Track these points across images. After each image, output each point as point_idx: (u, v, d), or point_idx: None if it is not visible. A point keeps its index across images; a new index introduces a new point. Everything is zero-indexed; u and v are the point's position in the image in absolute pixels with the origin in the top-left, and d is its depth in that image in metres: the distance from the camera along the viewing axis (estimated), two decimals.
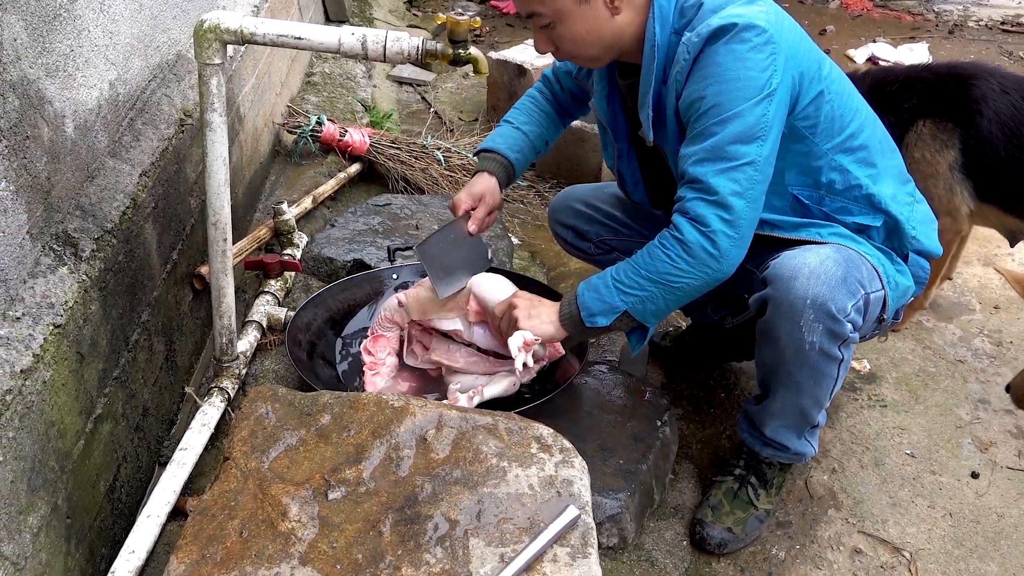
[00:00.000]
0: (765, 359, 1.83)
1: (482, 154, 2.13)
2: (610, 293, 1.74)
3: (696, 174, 1.65)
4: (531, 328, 1.84)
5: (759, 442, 2.00)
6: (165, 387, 2.06)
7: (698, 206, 1.64)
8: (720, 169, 1.63)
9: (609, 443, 1.99)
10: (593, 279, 1.79)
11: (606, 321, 1.75)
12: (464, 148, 3.82)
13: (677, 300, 1.72)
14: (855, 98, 1.84)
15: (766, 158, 1.65)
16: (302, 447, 1.54)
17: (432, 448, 1.53)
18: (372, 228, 2.93)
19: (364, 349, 2.26)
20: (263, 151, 3.27)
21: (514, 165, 2.12)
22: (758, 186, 1.65)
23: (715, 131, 1.63)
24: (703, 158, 1.64)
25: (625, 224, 2.25)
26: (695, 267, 1.66)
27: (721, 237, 1.64)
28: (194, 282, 2.27)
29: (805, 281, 1.68)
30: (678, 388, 2.46)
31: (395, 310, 2.22)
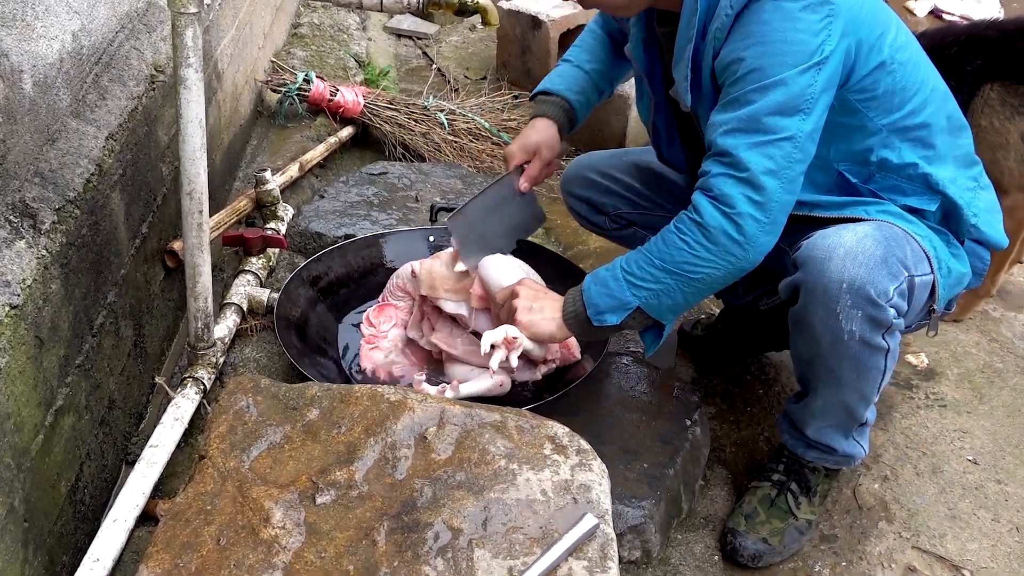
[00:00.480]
0: (801, 352, 1.84)
1: (538, 97, 2.14)
2: (620, 287, 1.74)
3: (726, 146, 1.63)
4: (529, 324, 1.84)
5: (801, 444, 2.00)
6: (133, 377, 2.08)
7: (724, 183, 1.63)
8: (754, 143, 1.61)
9: (632, 445, 2.00)
10: (600, 271, 1.79)
11: (616, 319, 1.75)
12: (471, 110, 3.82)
13: (697, 293, 1.72)
14: (923, 69, 1.81)
15: (808, 135, 1.63)
16: (287, 445, 1.55)
17: (433, 448, 1.54)
18: (366, 200, 2.93)
19: (366, 319, 2.30)
20: (244, 112, 3.27)
21: (575, 107, 2.12)
22: (796, 166, 1.64)
23: (753, 99, 1.61)
24: (736, 128, 1.62)
25: (645, 196, 2.25)
26: (717, 256, 1.65)
27: (748, 221, 1.63)
28: (166, 259, 2.28)
29: (840, 262, 1.67)
30: (710, 383, 2.46)
31: (407, 279, 2.27)
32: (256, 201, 2.74)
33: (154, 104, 2.18)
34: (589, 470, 1.52)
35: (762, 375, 2.50)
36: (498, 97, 4.04)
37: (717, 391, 2.45)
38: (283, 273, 2.61)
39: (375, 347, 2.25)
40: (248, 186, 2.98)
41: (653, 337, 1.84)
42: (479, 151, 3.67)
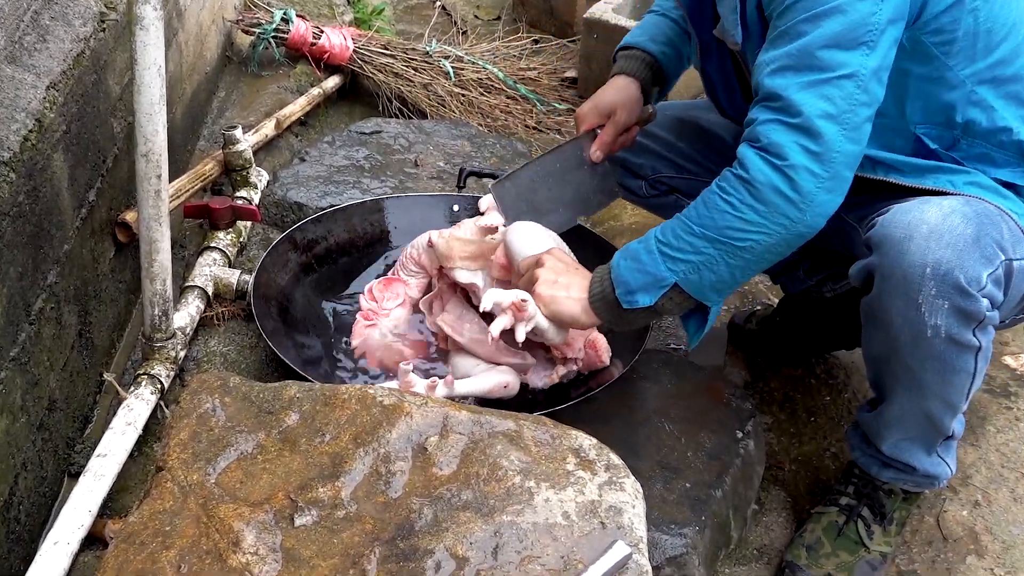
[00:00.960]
0: (875, 349, 1.83)
1: (619, 54, 2.17)
2: (653, 260, 1.74)
3: (774, 87, 1.63)
4: (549, 300, 1.85)
5: (875, 462, 2.00)
6: (78, 373, 2.09)
7: (773, 131, 1.63)
8: (807, 82, 1.61)
9: (672, 460, 2.00)
10: (632, 244, 1.79)
11: (650, 299, 1.75)
12: (481, 57, 3.81)
13: (745, 267, 1.71)
14: (1016, 8, 1.79)
15: (873, 72, 1.62)
16: (260, 456, 1.55)
17: (434, 461, 1.54)
18: (356, 164, 2.94)
19: (368, 291, 2.33)
20: (209, 57, 3.27)
21: (661, 61, 2.14)
22: (860, 110, 1.62)
23: (804, 30, 1.61)
24: (785, 66, 1.62)
25: (689, 157, 2.24)
26: (767, 218, 1.65)
27: (803, 176, 1.62)
28: (117, 233, 2.29)
29: (923, 243, 1.66)
30: (766, 388, 2.46)
31: (423, 249, 2.29)
32: (224, 164, 2.75)
33: (104, 48, 2.18)
34: (620, 489, 1.52)
35: (829, 378, 2.49)
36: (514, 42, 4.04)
37: (774, 397, 2.44)
38: (256, 251, 2.62)
39: (372, 324, 2.27)
40: (215, 146, 2.98)
41: (697, 324, 1.83)
42: (491, 106, 3.66)
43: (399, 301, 2.31)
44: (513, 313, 1.86)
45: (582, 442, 1.59)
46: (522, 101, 3.76)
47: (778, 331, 2.49)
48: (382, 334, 2.25)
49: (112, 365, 2.28)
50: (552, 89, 3.90)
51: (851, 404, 2.42)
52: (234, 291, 2.39)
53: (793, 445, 2.33)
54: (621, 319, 1.81)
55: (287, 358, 2.05)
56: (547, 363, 2.14)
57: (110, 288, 2.27)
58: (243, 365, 2.27)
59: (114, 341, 2.32)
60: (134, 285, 2.42)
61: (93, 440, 2.05)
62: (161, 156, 1.92)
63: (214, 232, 2.56)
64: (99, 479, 1.85)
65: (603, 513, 1.48)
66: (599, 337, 2.14)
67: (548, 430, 1.60)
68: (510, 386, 2.03)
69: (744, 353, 2.53)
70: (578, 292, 1.84)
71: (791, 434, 2.35)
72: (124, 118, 2.30)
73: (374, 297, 2.32)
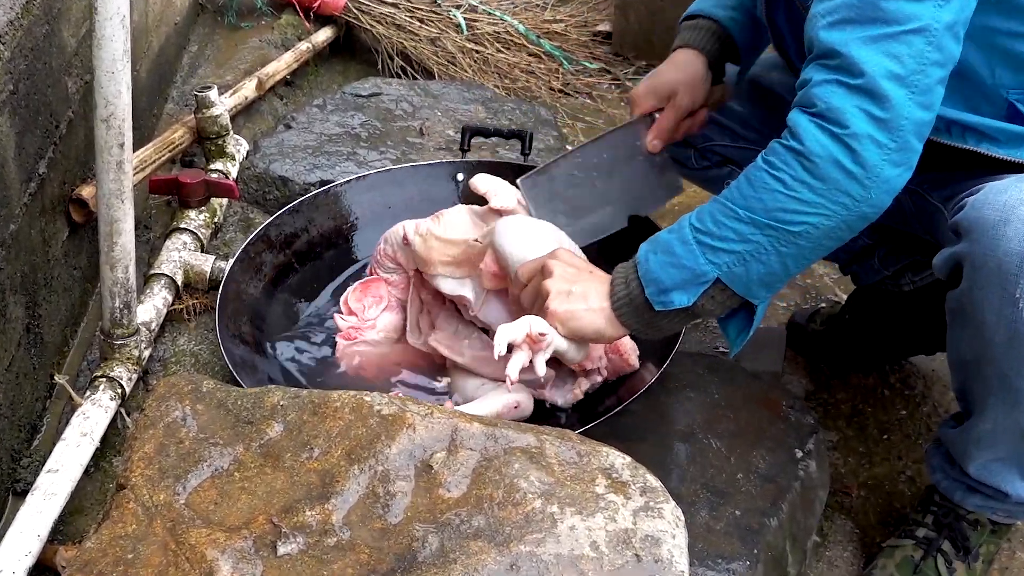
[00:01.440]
0: (962, 353, 1.83)
1: (683, 24, 2.15)
2: (690, 252, 1.73)
3: (831, 42, 1.63)
4: (567, 316, 1.83)
5: (960, 486, 2.00)
6: (25, 374, 2.11)
7: (831, 93, 1.62)
8: (871, 36, 1.60)
9: (720, 483, 2.01)
10: (662, 234, 1.79)
11: (687, 299, 1.75)
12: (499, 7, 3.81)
13: (800, 256, 1.71)
14: None
15: (947, 27, 1.62)
16: (238, 473, 1.57)
17: (440, 481, 1.55)
18: (350, 132, 2.95)
19: (344, 304, 2.31)
20: (180, 5, 3.29)
21: (730, 30, 2.12)
22: (931, 70, 1.62)
23: None
24: (844, 18, 1.62)
25: (747, 123, 2.24)
26: (826, 197, 1.64)
27: (867, 146, 1.61)
28: (72, 211, 2.30)
29: (1021, 227, 1.66)
30: (831, 399, 2.47)
31: (398, 245, 2.26)
32: (196, 131, 2.76)
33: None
34: (658, 516, 1.52)
35: (905, 388, 2.49)
36: None
37: (841, 410, 2.45)
38: (233, 233, 2.63)
39: (356, 342, 2.27)
40: (186, 110, 3.00)
41: (739, 326, 1.84)
42: (510, 65, 3.67)
43: (383, 305, 2.30)
44: (530, 345, 1.84)
45: (614, 461, 1.59)
46: (546, 59, 3.76)
47: (846, 332, 2.49)
48: (374, 349, 2.26)
49: (65, 366, 2.30)
50: (582, 45, 3.91)
51: (931, 419, 2.43)
52: (207, 280, 2.41)
53: (862, 467, 2.34)
54: (652, 324, 1.82)
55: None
56: (567, 376, 2.13)
57: (63, 276, 2.29)
58: (217, 367, 2.29)
59: (67, 338, 2.33)
60: (91, 272, 2.44)
61: (42, 453, 2.07)
62: (124, 121, 1.92)
63: (184, 211, 2.57)
64: (49, 498, 1.86)
65: (638, 544, 1.48)
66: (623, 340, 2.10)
67: (574, 446, 1.60)
68: (521, 406, 2.03)
69: (806, 358, 2.54)
70: (598, 300, 1.83)
71: (860, 454, 2.36)
72: (81, 77, 2.31)
73: (351, 310, 2.30)
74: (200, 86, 2.81)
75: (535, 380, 2.05)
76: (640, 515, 1.52)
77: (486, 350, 2.09)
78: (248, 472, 1.56)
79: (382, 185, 2.54)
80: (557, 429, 1.65)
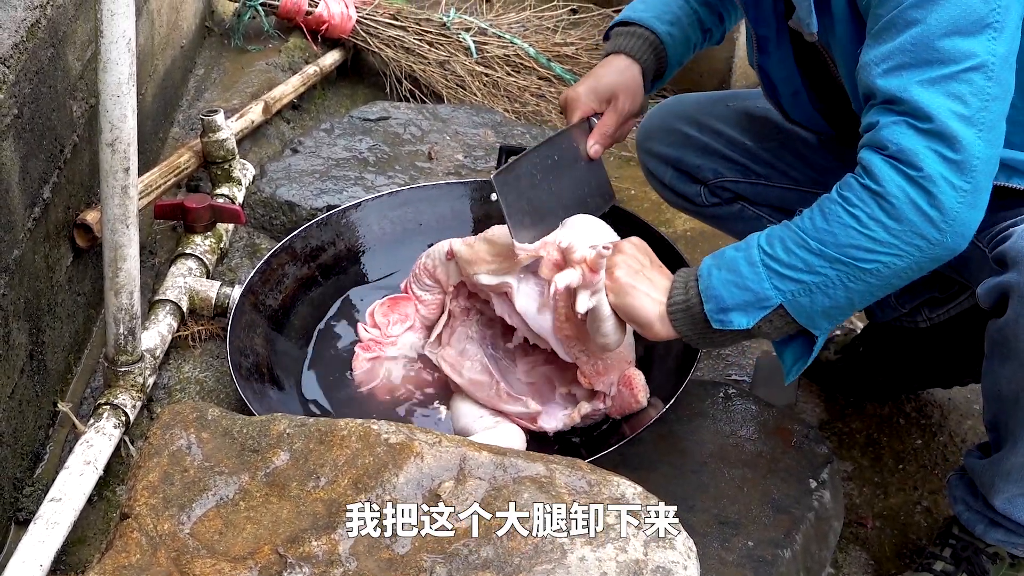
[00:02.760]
0: (1001, 385, 1.82)
1: (616, 30, 2.15)
2: (756, 275, 1.73)
3: (891, 89, 1.63)
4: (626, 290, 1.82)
5: (983, 519, 1.99)
6: (27, 401, 2.11)
7: (902, 135, 1.62)
8: (930, 79, 1.60)
9: (732, 513, 2.00)
10: (727, 251, 1.78)
11: (748, 321, 1.75)
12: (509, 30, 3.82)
13: (867, 292, 1.71)
14: None
15: (1003, 59, 1.62)
16: (244, 502, 1.56)
17: None
18: (358, 156, 2.95)
19: (369, 315, 2.33)
20: (186, 28, 3.30)
21: (665, 44, 2.12)
22: (993, 105, 1.62)
23: (915, 17, 1.60)
24: (901, 64, 1.62)
25: (760, 159, 2.24)
26: (900, 238, 1.64)
27: (944, 189, 1.61)
28: (76, 236, 2.30)
29: None
30: (846, 429, 2.46)
31: (440, 261, 2.27)
32: (202, 156, 2.76)
33: (63, 17, 2.21)
34: (670, 547, 1.52)
35: (921, 418, 2.49)
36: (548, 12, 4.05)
37: (856, 440, 2.44)
38: (239, 259, 2.63)
39: (376, 356, 2.28)
40: (191, 134, 3.01)
41: (797, 353, 1.83)
42: (520, 89, 3.68)
43: (408, 324, 2.31)
44: (584, 273, 1.82)
45: (625, 491, 1.59)
46: (557, 82, 3.77)
47: (861, 362, 2.49)
48: (388, 367, 2.26)
49: (68, 393, 2.30)
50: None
51: (947, 449, 2.42)
52: (212, 307, 2.40)
53: (878, 497, 2.33)
54: (704, 337, 1.81)
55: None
56: (566, 400, 2.14)
57: (67, 302, 2.29)
58: (223, 394, 2.29)
59: (71, 364, 2.33)
60: (95, 298, 2.44)
61: (45, 482, 2.07)
62: (129, 146, 1.93)
63: (190, 236, 2.58)
64: (52, 528, 1.86)
65: (649, 575, 1.48)
66: (637, 373, 2.10)
67: (584, 476, 1.60)
68: (514, 436, 2.04)
69: (820, 387, 2.53)
70: (658, 293, 1.83)
71: (875, 484, 2.35)
72: (86, 100, 2.32)
73: (376, 323, 2.32)
74: (206, 110, 2.82)
75: (526, 413, 2.06)
76: (651, 546, 1.52)
77: (483, 375, 2.12)
78: (254, 501, 1.56)
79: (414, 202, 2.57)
80: (567, 458, 1.65)
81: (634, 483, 1.61)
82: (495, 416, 2.10)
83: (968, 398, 2.53)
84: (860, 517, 2.28)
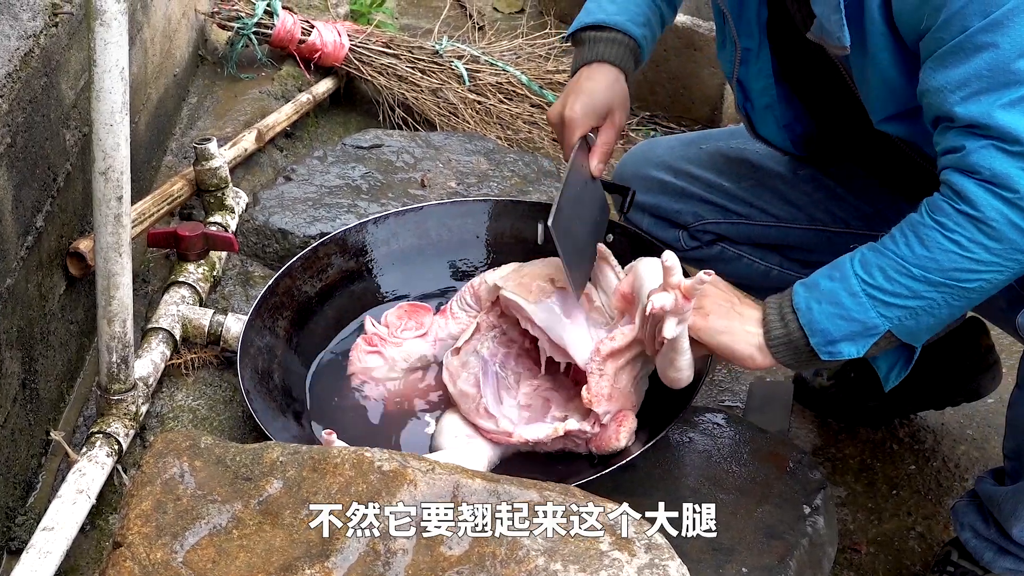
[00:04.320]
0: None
1: (592, 35, 2.12)
2: (860, 306, 1.74)
3: (973, 117, 1.64)
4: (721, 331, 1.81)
5: (991, 547, 1.98)
6: (20, 430, 2.11)
7: (994, 159, 1.64)
8: (1011, 101, 1.61)
9: (726, 539, 2.00)
10: (822, 282, 1.78)
11: (856, 351, 1.76)
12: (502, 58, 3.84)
13: (968, 305, 1.75)
14: None
15: None
16: (237, 531, 1.56)
17: (442, 538, 1.55)
18: (351, 184, 2.96)
19: (384, 317, 2.36)
20: (179, 57, 3.31)
21: (642, 48, 2.11)
22: None
23: (986, 41, 1.61)
24: (979, 89, 1.63)
25: (739, 198, 2.25)
26: (1002, 256, 1.67)
27: None
28: (69, 265, 2.30)
29: None
30: (839, 454, 2.46)
31: (487, 281, 2.28)
32: (195, 184, 2.77)
33: (57, 46, 2.22)
34: (664, 573, 1.52)
35: (915, 443, 2.49)
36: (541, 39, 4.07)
37: (849, 465, 2.44)
38: (232, 287, 2.64)
39: (375, 351, 2.30)
40: (184, 163, 3.02)
41: (894, 359, 1.85)
42: (513, 116, 3.69)
43: (419, 332, 2.32)
44: (677, 299, 1.77)
45: (618, 517, 1.59)
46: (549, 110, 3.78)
47: (854, 387, 2.50)
48: (387, 369, 2.28)
49: (61, 421, 2.29)
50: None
51: (940, 475, 2.42)
52: (206, 335, 2.41)
53: (872, 523, 2.33)
54: (809, 363, 1.82)
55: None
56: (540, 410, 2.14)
57: (60, 330, 2.29)
58: (216, 422, 2.29)
59: (63, 393, 2.33)
60: (88, 327, 2.44)
61: (38, 511, 2.07)
62: (122, 174, 1.93)
63: (183, 264, 2.58)
64: (45, 557, 1.85)
65: None
66: (632, 418, 2.08)
67: (577, 502, 1.60)
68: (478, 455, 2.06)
69: (813, 412, 2.54)
70: (755, 326, 1.83)
71: (869, 510, 2.35)
72: (79, 129, 2.33)
73: (387, 323, 2.34)
74: (199, 138, 2.82)
75: (495, 432, 2.08)
76: (645, 572, 1.52)
77: (472, 387, 2.13)
78: (247, 530, 1.56)
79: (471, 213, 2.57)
80: (560, 485, 1.65)
81: (628, 509, 1.61)
82: (470, 436, 2.11)
83: (961, 423, 2.54)
84: (854, 543, 2.28)
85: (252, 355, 2.23)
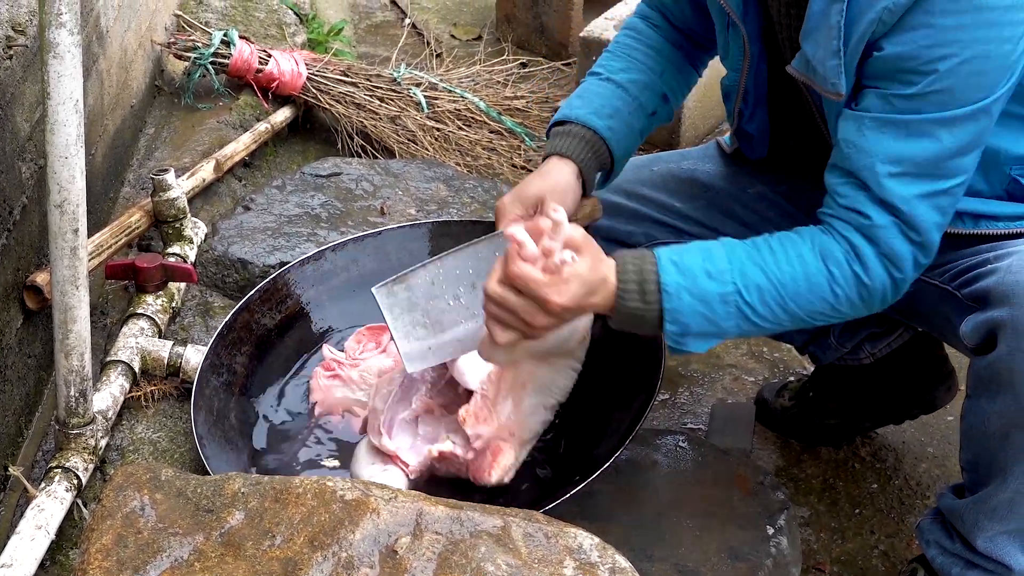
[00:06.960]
0: (990, 421, 1.84)
1: (553, 130, 2.13)
2: (728, 315, 1.79)
3: (894, 196, 1.73)
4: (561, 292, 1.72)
5: (958, 562, 1.97)
6: None
7: (896, 241, 1.76)
8: (928, 192, 1.73)
9: (690, 561, 2.01)
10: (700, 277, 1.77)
11: (702, 348, 1.84)
12: (460, 85, 3.86)
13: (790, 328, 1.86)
14: None
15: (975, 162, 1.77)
16: (199, 563, 1.56)
17: (406, 566, 1.54)
18: (310, 212, 2.96)
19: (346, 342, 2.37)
20: (136, 88, 3.31)
21: (606, 140, 2.11)
22: (955, 206, 1.80)
23: (934, 134, 1.70)
24: (909, 172, 1.73)
25: (690, 218, 2.26)
26: (853, 309, 1.82)
27: (905, 284, 1.81)
28: (26, 298, 2.29)
29: None
30: (802, 474, 2.47)
31: None
32: (153, 215, 2.76)
33: (11, 78, 2.21)
34: None
35: (876, 462, 2.51)
36: (499, 66, 4.09)
37: (812, 485, 2.45)
38: (191, 318, 2.63)
39: (334, 375, 2.31)
40: (142, 194, 3.01)
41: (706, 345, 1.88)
42: (471, 143, 3.70)
43: (380, 349, 2.34)
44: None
45: (582, 541, 1.59)
46: (508, 136, 3.80)
47: (813, 407, 2.51)
48: (348, 387, 2.29)
49: (19, 456, 2.28)
50: (543, 121, 3.94)
51: (903, 493, 2.44)
52: (165, 367, 2.40)
53: (835, 542, 2.34)
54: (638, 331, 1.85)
55: None
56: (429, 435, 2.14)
57: (17, 364, 2.28)
58: (176, 455, 2.28)
59: (21, 428, 2.32)
60: (45, 360, 2.43)
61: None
62: (78, 207, 1.93)
63: (141, 296, 2.57)
64: None
65: None
66: (510, 454, 2.06)
67: (541, 527, 1.61)
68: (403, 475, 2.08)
69: (776, 432, 2.55)
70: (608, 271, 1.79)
71: (832, 529, 2.36)
72: (34, 161, 2.32)
73: (345, 348, 2.36)
74: (157, 169, 2.82)
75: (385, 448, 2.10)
76: None
77: (385, 402, 2.13)
78: (208, 562, 1.56)
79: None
80: (524, 511, 1.66)
81: (591, 534, 1.61)
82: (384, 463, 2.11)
83: (922, 441, 2.56)
84: (818, 563, 2.29)
85: (207, 396, 2.24)
